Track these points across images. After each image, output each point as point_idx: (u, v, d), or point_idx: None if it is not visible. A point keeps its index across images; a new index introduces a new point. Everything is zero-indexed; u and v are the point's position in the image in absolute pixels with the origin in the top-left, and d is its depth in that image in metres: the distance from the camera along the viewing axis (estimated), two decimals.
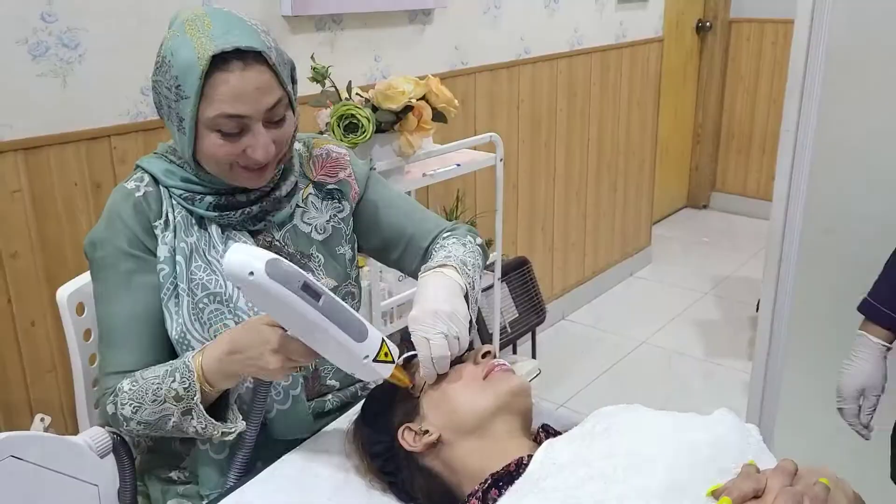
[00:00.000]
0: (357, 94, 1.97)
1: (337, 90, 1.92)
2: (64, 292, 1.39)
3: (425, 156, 2.09)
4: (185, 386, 1.05)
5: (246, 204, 1.18)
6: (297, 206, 1.25)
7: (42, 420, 0.89)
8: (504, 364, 1.05)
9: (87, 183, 1.73)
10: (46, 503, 0.93)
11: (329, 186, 1.29)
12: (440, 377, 1.04)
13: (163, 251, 1.15)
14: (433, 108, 1.98)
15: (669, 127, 4.31)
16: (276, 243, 1.22)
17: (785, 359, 1.79)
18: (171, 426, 1.09)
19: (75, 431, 1.59)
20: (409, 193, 2.42)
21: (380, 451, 1.04)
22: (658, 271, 3.92)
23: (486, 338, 2.60)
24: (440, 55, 2.51)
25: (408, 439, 1.01)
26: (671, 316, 3.41)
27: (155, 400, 1.07)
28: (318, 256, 1.26)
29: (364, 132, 1.83)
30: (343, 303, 0.98)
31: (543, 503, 0.81)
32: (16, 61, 1.58)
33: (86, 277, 1.43)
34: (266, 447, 1.19)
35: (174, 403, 1.06)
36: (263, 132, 1.09)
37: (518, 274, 2.88)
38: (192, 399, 1.05)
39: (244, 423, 1.09)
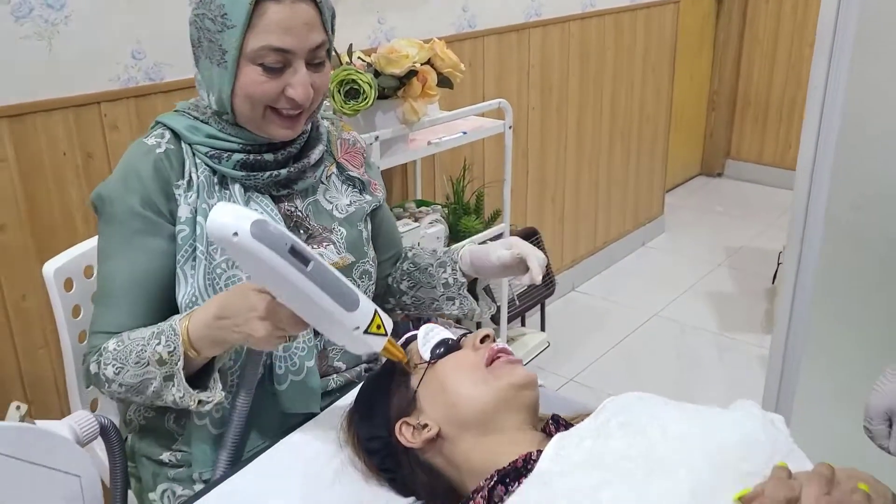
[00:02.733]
0: (359, 58, 1.88)
1: (337, 54, 1.82)
2: (50, 267, 1.33)
3: (430, 123, 2.00)
4: (170, 350, 1.01)
5: (273, 165, 1.15)
6: (321, 182, 1.24)
7: (18, 408, 0.82)
8: (506, 350, 0.97)
9: (77, 152, 1.65)
10: (23, 497, 0.87)
11: (350, 173, 1.28)
12: (437, 364, 0.97)
13: (184, 211, 1.11)
14: (438, 73, 1.88)
15: (684, 92, 4.18)
16: (298, 213, 1.20)
17: (805, 343, 1.69)
18: (151, 391, 1.04)
19: (68, 410, 1.54)
20: (413, 163, 2.36)
21: (377, 448, 0.98)
22: (671, 241, 3.83)
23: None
24: (447, 17, 2.41)
25: (406, 435, 0.95)
26: (684, 288, 3.33)
27: (138, 362, 1.03)
28: (339, 230, 1.24)
29: (365, 98, 1.74)
30: (334, 270, 0.94)
31: None
32: None
33: (74, 251, 1.37)
34: (266, 419, 1.15)
35: (157, 367, 1.02)
36: (305, 71, 1.08)
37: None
38: (175, 364, 1.01)
39: (222, 393, 1.04)
